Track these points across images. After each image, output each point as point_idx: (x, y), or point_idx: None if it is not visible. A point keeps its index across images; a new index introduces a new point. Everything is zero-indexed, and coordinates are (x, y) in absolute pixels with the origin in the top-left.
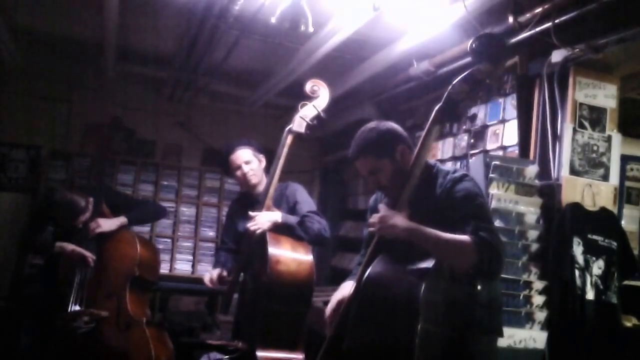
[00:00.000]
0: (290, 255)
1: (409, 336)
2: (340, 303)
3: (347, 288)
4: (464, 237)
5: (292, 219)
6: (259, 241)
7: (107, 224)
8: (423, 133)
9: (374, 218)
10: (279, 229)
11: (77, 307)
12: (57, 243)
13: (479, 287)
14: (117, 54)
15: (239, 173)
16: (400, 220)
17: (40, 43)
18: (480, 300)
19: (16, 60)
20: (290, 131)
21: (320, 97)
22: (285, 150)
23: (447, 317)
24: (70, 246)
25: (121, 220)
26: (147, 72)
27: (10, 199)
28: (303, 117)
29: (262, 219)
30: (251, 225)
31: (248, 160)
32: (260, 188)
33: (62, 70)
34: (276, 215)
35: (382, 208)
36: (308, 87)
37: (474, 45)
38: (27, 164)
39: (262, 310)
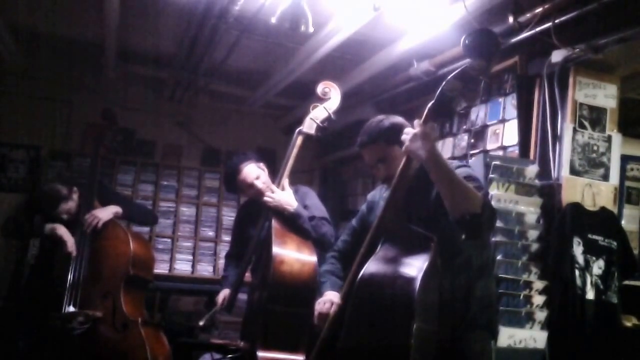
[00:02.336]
0: (295, 256)
1: (405, 336)
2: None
3: (334, 297)
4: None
5: (305, 213)
6: (265, 241)
7: (103, 213)
8: None
9: (410, 131)
10: (287, 220)
11: (72, 308)
12: (47, 225)
13: (474, 283)
14: (118, 55)
15: (252, 191)
16: (430, 142)
17: (40, 43)
18: (474, 297)
19: (17, 60)
20: (300, 132)
21: (331, 99)
22: (295, 151)
23: (443, 315)
24: (61, 229)
25: (115, 209)
26: (147, 72)
27: (10, 199)
28: (314, 119)
29: (281, 197)
30: (267, 198)
31: (257, 176)
32: None
33: (63, 70)
34: (292, 201)
35: (419, 124)
36: (320, 89)
37: (467, 41)
38: (27, 164)
39: (264, 310)
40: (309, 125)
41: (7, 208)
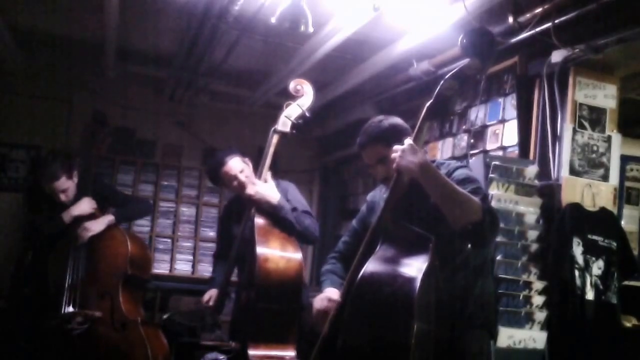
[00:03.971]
0: (279, 254)
1: (405, 335)
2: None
3: (332, 294)
4: (473, 196)
5: (287, 205)
6: (249, 240)
7: (96, 226)
8: (415, 130)
9: (398, 149)
10: (270, 214)
11: (70, 308)
12: (64, 216)
13: (472, 282)
14: (118, 54)
15: (235, 183)
16: (420, 156)
17: (40, 43)
18: (472, 296)
19: (17, 60)
20: (275, 131)
21: (304, 96)
22: (271, 150)
23: (441, 314)
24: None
25: (108, 218)
26: (147, 72)
27: (10, 199)
28: (288, 117)
29: (263, 190)
30: (250, 190)
31: (242, 169)
32: None
33: (63, 70)
34: (275, 194)
35: (407, 142)
36: (292, 86)
37: (463, 40)
38: (27, 164)
39: (253, 309)
40: (283, 123)
41: (7, 208)
